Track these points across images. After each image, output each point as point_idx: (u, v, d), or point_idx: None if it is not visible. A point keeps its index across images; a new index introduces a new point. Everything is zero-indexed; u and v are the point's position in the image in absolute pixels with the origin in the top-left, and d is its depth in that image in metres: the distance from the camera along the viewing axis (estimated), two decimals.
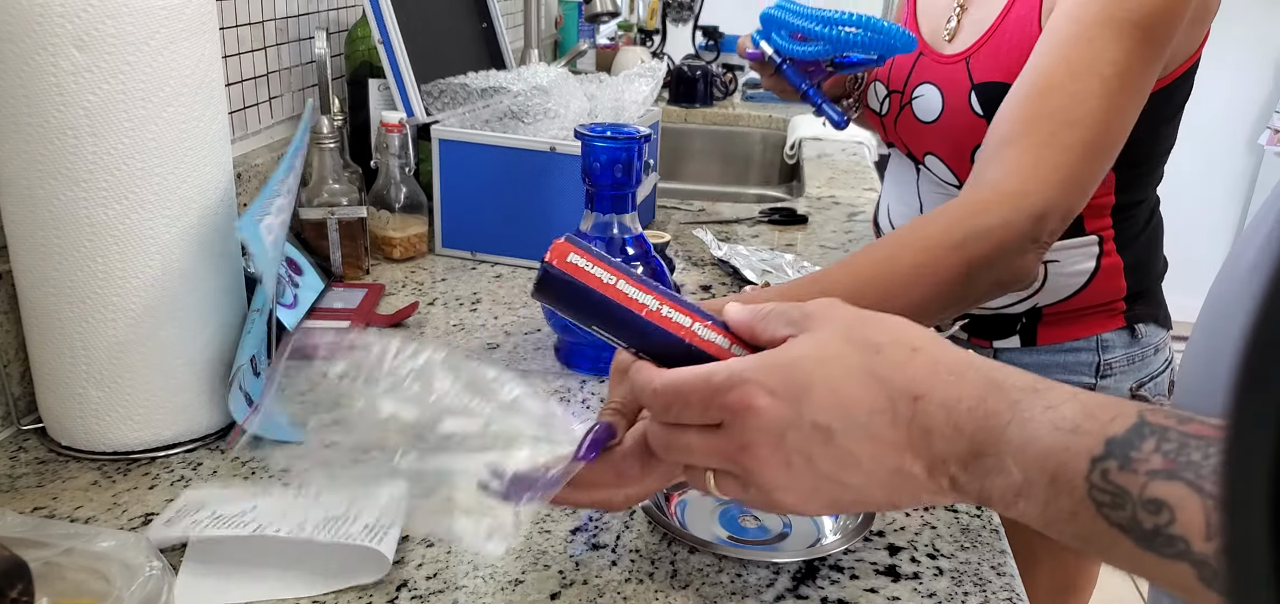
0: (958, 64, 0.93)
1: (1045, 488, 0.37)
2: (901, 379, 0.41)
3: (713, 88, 2.11)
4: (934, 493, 0.41)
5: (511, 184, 1.10)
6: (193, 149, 0.67)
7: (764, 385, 0.42)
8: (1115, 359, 1.00)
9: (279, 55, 1.17)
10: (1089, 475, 0.36)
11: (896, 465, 0.41)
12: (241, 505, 0.62)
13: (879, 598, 0.58)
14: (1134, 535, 0.35)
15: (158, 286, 0.67)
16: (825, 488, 0.42)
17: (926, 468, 0.41)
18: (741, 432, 0.43)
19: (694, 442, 0.45)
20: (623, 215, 0.84)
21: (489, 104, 1.20)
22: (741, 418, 0.42)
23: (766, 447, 0.42)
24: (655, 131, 1.32)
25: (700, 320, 0.48)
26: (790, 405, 0.41)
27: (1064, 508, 0.37)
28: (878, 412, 0.41)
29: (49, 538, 0.55)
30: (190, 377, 0.70)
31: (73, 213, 0.64)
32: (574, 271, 0.48)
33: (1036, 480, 0.38)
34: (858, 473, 0.41)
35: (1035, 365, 1.02)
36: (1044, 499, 0.38)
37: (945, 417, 0.40)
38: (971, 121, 0.90)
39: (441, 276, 1.09)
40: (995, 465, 0.39)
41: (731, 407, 0.43)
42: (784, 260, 1.14)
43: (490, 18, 1.46)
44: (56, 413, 0.69)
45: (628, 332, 0.48)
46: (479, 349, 0.90)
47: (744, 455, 0.43)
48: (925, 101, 0.95)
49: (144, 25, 0.62)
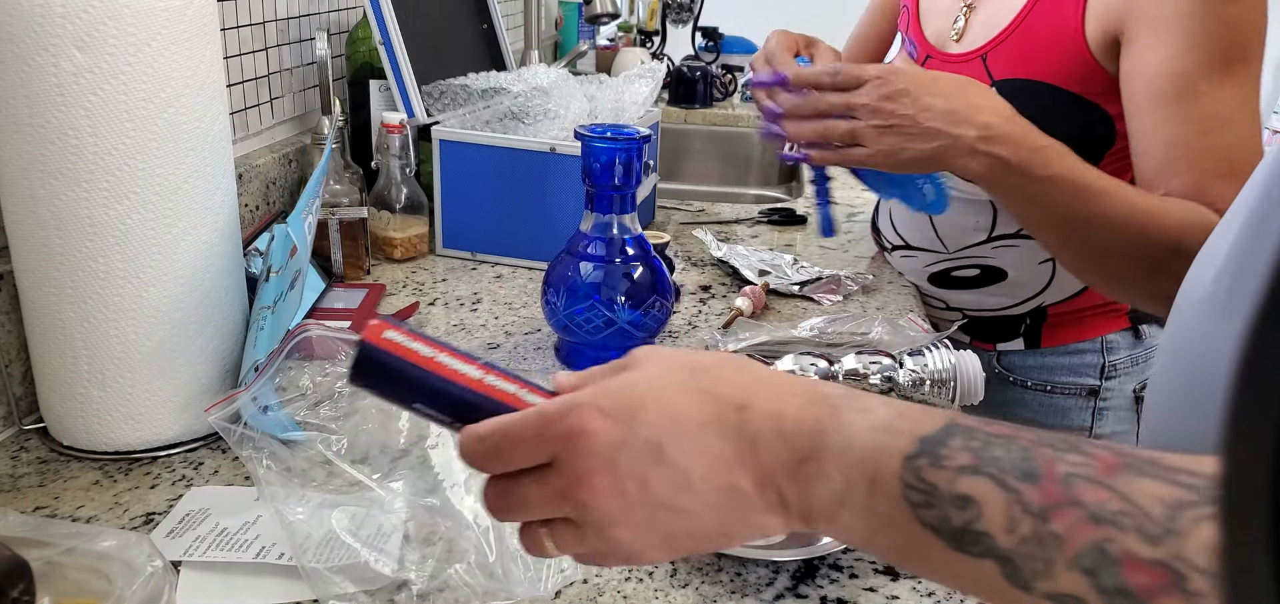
0: (971, 62, 0.94)
1: (865, 493, 0.38)
2: (728, 390, 0.42)
3: (712, 89, 2.11)
4: (763, 511, 0.41)
5: (512, 185, 1.10)
6: (194, 149, 0.67)
7: (597, 406, 0.42)
8: (1120, 360, 1.01)
9: (280, 56, 1.17)
10: (902, 474, 0.37)
11: (726, 482, 0.41)
12: (244, 517, 0.62)
13: (878, 597, 0.58)
14: (945, 536, 0.36)
15: (159, 286, 0.67)
16: (660, 518, 0.41)
17: (755, 482, 0.40)
18: (574, 460, 0.41)
19: (529, 490, 0.43)
20: (623, 216, 0.85)
21: (489, 105, 1.20)
22: (574, 444, 0.41)
23: (600, 473, 0.41)
24: (655, 132, 1.32)
25: (528, 387, 0.46)
26: (623, 425, 0.41)
27: (882, 513, 0.37)
28: (707, 424, 0.41)
29: (51, 537, 0.55)
30: (191, 376, 0.71)
31: (74, 213, 0.64)
32: (391, 347, 0.45)
33: (856, 484, 0.38)
34: (689, 494, 0.41)
35: (1040, 367, 1.02)
36: (864, 504, 0.38)
37: (771, 425, 0.40)
38: None
39: (442, 277, 1.09)
40: (817, 472, 0.39)
41: (564, 433, 0.41)
42: (783, 260, 1.14)
43: (490, 19, 1.46)
44: (58, 412, 0.70)
45: (453, 404, 0.45)
46: (479, 349, 0.90)
47: (578, 488, 0.41)
48: None
49: (145, 26, 0.63)
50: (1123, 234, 0.76)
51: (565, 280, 0.84)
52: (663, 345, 0.52)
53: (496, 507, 0.44)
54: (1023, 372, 1.03)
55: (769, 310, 1.04)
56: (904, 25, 1.08)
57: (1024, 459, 0.35)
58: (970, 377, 0.77)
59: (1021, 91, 0.86)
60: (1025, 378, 1.03)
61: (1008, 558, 0.34)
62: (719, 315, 1.01)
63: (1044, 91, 0.88)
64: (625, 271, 0.85)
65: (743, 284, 1.09)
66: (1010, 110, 0.77)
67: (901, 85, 0.76)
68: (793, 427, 0.40)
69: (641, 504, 0.41)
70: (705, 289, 1.09)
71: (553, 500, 0.42)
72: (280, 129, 1.19)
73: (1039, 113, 0.82)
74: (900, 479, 0.37)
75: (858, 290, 1.08)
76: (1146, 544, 0.31)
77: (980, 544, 0.35)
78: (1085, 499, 0.33)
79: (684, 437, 0.41)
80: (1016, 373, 1.04)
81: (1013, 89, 0.88)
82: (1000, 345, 1.03)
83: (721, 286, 1.10)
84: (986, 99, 0.77)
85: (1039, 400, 1.03)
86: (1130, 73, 0.82)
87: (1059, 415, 1.02)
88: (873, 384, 0.78)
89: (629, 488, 0.41)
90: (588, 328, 0.84)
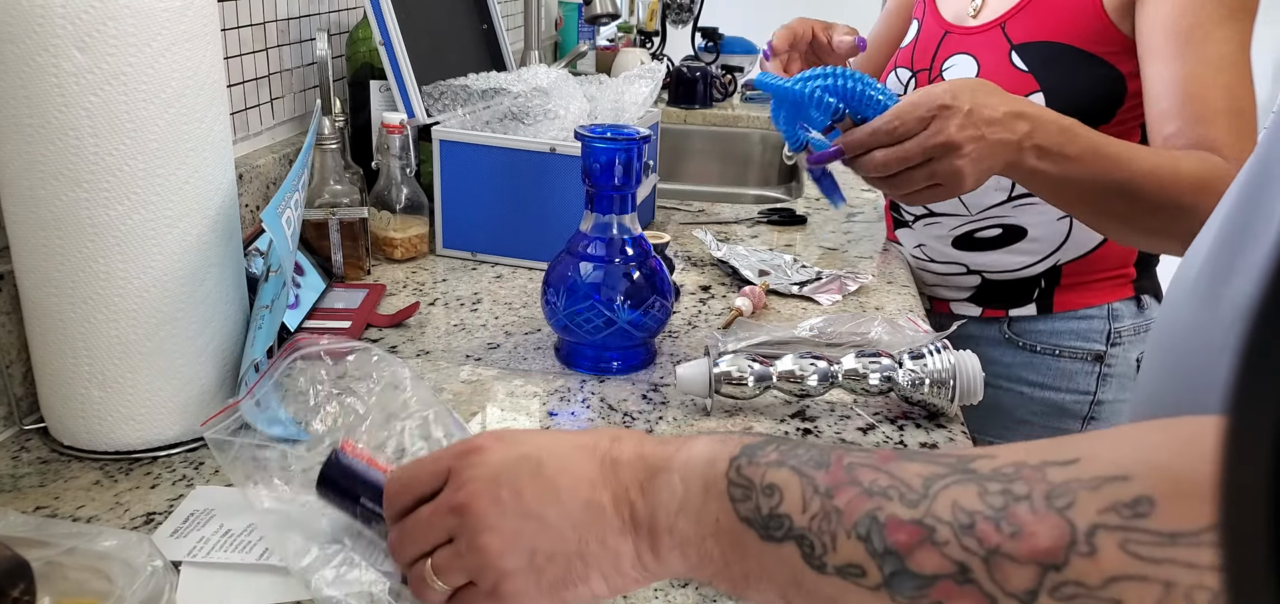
0: (992, 31, 1.01)
1: (700, 495, 0.43)
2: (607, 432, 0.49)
3: (712, 89, 2.12)
4: (618, 533, 0.45)
5: (512, 185, 1.10)
6: (195, 150, 0.67)
7: (493, 434, 0.49)
8: (1124, 327, 1.05)
9: (280, 57, 1.17)
10: (728, 473, 0.42)
11: (588, 498, 0.46)
12: (248, 518, 0.62)
13: None
14: (757, 527, 0.41)
15: (159, 287, 0.67)
16: (527, 530, 0.46)
17: (613, 499, 0.45)
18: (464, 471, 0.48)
19: (422, 513, 0.49)
20: (623, 216, 0.85)
21: (489, 105, 1.20)
22: (467, 458, 0.48)
23: (482, 481, 0.47)
24: (655, 132, 1.32)
25: None
26: (511, 446, 0.48)
27: (711, 515, 0.42)
28: (581, 447, 0.47)
29: (51, 537, 0.55)
30: (192, 376, 0.71)
31: (75, 214, 0.64)
32: (358, 454, 0.57)
33: (693, 488, 0.43)
34: (556, 507, 0.46)
35: (1050, 331, 1.07)
36: (698, 507, 0.43)
37: (634, 450, 0.46)
38: (1015, 76, 0.96)
39: (442, 277, 1.09)
40: (665, 482, 0.44)
41: (460, 450, 0.49)
42: (783, 260, 1.14)
43: (491, 19, 1.46)
44: (59, 413, 0.70)
45: None
46: (480, 349, 0.90)
47: (460, 493, 0.47)
48: (958, 70, 1.02)
49: (146, 27, 0.63)
50: (1146, 191, 0.80)
51: (565, 280, 0.84)
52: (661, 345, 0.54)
53: (397, 545, 0.50)
54: (1033, 336, 1.07)
55: (769, 310, 1.04)
56: (920, 12, 1.13)
57: (820, 454, 0.41)
58: (970, 377, 0.77)
59: (1041, 51, 0.93)
60: (1035, 342, 1.07)
61: (804, 536, 0.39)
62: (719, 315, 1.01)
63: (1062, 51, 0.94)
64: (625, 271, 0.85)
65: (743, 284, 1.09)
66: (1024, 100, 0.81)
67: (962, 104, 0.78)
68: (651, 449, 0.46)
69: (513, 512, 0.46)
70: (705, 289, 1.09)
71: (440, 516, 0.48)
72: (280, 129, 1.19)
73: (1057, 71, 0.91)
74: (726, 477, 0.42)
75: (857, 290, 1.08)
76: (906, 507, 0.37)
77: (782, 527, 0.40)
78: (862, 479, 0.39)
79: (559, 453, 0.47)
80: (1026, 338, 1.07)
81: (1032, 50, 0.95)
82: (1012, 311, 1.07)
83: (721, 286, 1.10)
84: (1002, 96, 0.80)
85: (1047, 364, 1.06)
86: (1147, 23, 0.88)
87: (1066, 378, 1.06)
88: (873, 384, 0.78)
89: (504, 496, 0.46)
90: (588, 328, 0.84)
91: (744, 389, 0.79)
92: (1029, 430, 1.07)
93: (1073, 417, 1.07)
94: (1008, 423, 1.09)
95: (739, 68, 2.27)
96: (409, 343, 0.91)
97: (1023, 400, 1.08)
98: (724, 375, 0.79)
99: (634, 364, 0.88)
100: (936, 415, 0.81)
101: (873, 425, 0.79)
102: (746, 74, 2.30)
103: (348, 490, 0.57)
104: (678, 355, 0.91)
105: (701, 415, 0.80)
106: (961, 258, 1.12)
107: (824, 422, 0.80)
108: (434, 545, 0.48)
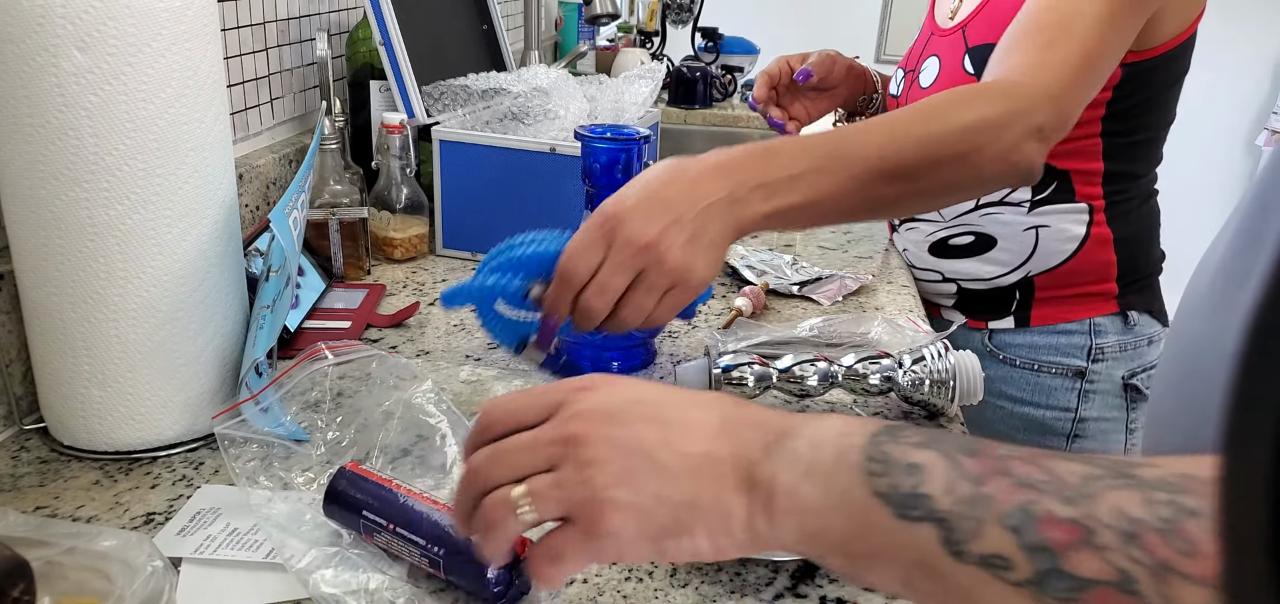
0: (955, 34, 1.01)
1: (830, 462, 0.41)
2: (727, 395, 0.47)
3: (712, 89, 2.12)
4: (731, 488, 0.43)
5: (512, 185, 1.10)
6: (195, 150, 0.67)
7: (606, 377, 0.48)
8: (1108, 343, 1.03)
9: (280, 57, 1.17)
10: (866, 447, 0.41)
11: (708, 449, 0.43)
12: (254, 517, 0.62)
13: (877, 597, 0.58)
14: (892, 503, 0.39)
15: (159, 287, 0.67)
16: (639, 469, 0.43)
17: (732, 454, 0.43)
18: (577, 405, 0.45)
19: (524, 439, 0.45)
20: None
21: (489, 105, 1.20)
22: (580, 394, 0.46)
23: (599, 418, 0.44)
24: (655, 133, 1.32)
25: None
26: (628, 388, 0.46)
27: (840, 487, 0.40)
28: (702, 401, 0.46)
29: (51, 537, 0.55)
30: (192, 376, 0.71)
31: (74, 213, 0.64)
32: (365, 473, 0.60)
33: (823, 456, 0.41)
34: (672, 451, 0.43)
35: (1028, 346, 1.05)
36: (826, 475, 0.41)
37: (757, 414, 0.45)
38: (963, 80, 0.97)
39: (442, 277, 1.09)
40: (791, 447, 0.43)
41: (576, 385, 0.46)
42: (783, 260, 1.14)
43: (491, 19, 1.46)
44: (58, 412, 0.70)
45: (405, 511, 0.57)
46: (480, 349, 0.90)
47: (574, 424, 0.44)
48: (928, 73, 1.03)
49: (146, 27, 0.63)
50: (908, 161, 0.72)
51: None
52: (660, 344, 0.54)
53: (483, 467, 0.46)
54: (1012, 350, 1.06)
55: (769, 310, 1.04)
56: None
57: (969, 442, 0.40)
58: (970, 377, 0.77)
59: (987, 55, 0.92)
60: (1014, 356, 1.06)
61: (944, 519, 0.37)
62: (719, 315, 1.01)
63: None
64: None
65: (743, 284, 1.09)
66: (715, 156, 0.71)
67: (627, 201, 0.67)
68: (776, 416, 0.45)
69: (626, 450, 0.43)
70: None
71: (541, 447, 0.44)
72: (280, 129, 1.19)
73: None
74: (863, 451, 0.40)
75: (858, 290, 1.08)
76: (1063, 505, 0.35)
77: (921, 507, 0.38)
78: (1015, 470, 0.37)
79: (678, 402, 0.46)
80: (1006, 351, 1.06)
81: (982, 53, 0.94)
82: (992, 323, 1.06)
83: (721, 287, 1.10)
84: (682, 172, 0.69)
85: (1027, 379, 1.05)
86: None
87: (1045, 394, 1.05)
88: (873, 384, 0.78)
89: (619, 434, 0.44)
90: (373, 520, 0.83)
91: (744, 389, 0.79)
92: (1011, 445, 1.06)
93: (1055, 434, 1.05)
94: (990, 437, 1.07)
95: (739, 68, 2.26)
96: (409, 343, 0.91)
97: (1003, 415, 1.07)
98: (724, 375, 0.79)
99: (634, 364, 0.87)
100: (936, 416, 0.81)
101: None
102: (746, 74, 2.30)
103: (352, 505, 0.59)
104: (678, 355, 0.91)
105: None
106: (938, 265, 1.11)
107: None
108: (530, 472, 0.44)
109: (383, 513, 0.58)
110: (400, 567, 0.58)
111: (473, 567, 0.55)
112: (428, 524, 0.57)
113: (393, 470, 0.68)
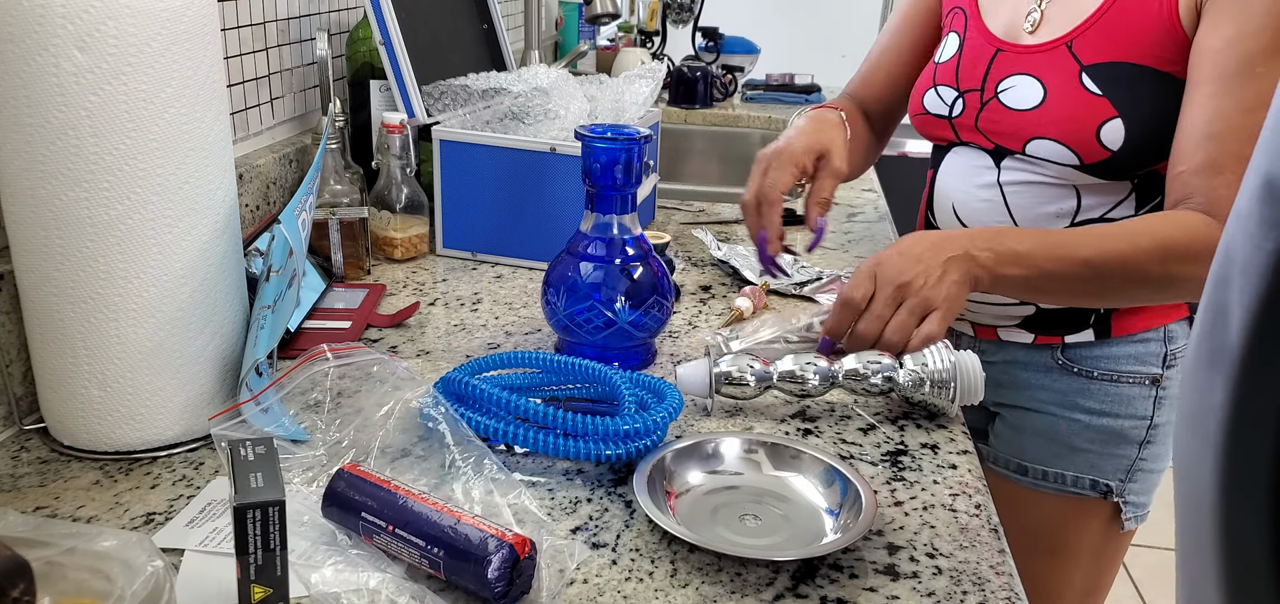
0: (1057, 50, 0.93)
1: None
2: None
3: (712, 89, 2.12)
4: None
5: (512, 185, 1.10)
6: (195, 150, 0.67)
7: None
8: (1180, 348, 1.01)
9: (280, 56, 1.17)
10: None
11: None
12: None
13: (878, 597, 0.58)
14: None
15: (159, 287, 0.67)
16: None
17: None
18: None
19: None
20: (623, 216, 0.85)
21: (490, 105, 1.20)
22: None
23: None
24: (655, 132, 1.32)
25: (463, 518, 0.58)
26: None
27: None
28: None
29: (51, 537, 0.55)
30: (192, 376, 0.71)
31: (75, 213, 0.64)
32: (364, 474, 0.61)
33: None
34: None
35: (1107, 357, 1.02)
36: None
37: None
38: (1087, 100, 0.90)
39: (442, 277, 1.09)
40: None
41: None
42: (783, 261, 1.14)
43: (491, 19, 1.46)
44: (58, 413, 0.70)
45: (404, 512, 0.58)
46: (480, 349, 0.90)
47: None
48: (1018, 92, 0.94)
49: (146, 27, 0.63)
50: (1111, 271, 0.85)
51: (565, 280, 0.84)
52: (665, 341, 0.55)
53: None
54: (1089, 362, 1.01)
55: (769, 310, 1.04)
56: (960, 26, 1.05)
57: None
58: (970, 377, 0.77)
59: (1115, 72, 0.88)
60: (1092, 369, 1.01)
61: None
62: (719, 315, 1.01)
63: (1139, 72, 0.89)
64: (625, 272, 0.85)
65: (743, 284, 1.09)
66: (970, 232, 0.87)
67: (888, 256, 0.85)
68: None
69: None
70: (705, 289, 1.09)
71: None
72: (280, 129, 1.19)
73: (1134, 93, 0.87)
74: None
75: None
76: None
77: None
78: None
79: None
80: (1083, 364, 1.01)
81: (1105, 71, 0.89)
82: (1068, 338, 1.02)
83: (721, 287, 1.10)
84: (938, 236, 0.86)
85: (1106, 390, 1.01)
86: (1198, 51, 0.86)
87: (1125, 404, 1.01)
88: (874, 384, 0.78)
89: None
90: (588, 328, 0.84)
91: (744, 389, 0.79)
92: (1085, 457, 1.03)
93: (1130, 441, 1.02)
94: (1062, 450, 1.03)
95: (739, 68, 2.26)
96: (409, 343, 0.91)
97: (1078, 428, 1.03)
98: (724, 375, 0.78)
99: (634, 364, 0.87)
100: (937, 416, 0.81)
101: (873, 426, 0.79)
102: (746, 74, 2.30)
103: (351, 506, 0.59)
104: (678, 355, 0.91)
105: (702, 415, 0.80)
106: None
107: (824, 422, 0.79)
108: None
109: (382, 514, 0.58)
110: (399, 566, 0.58)
111: (472, 568, 0.55)
112: (427, 525, 0.57)
113: (392, 471, 0.68)
